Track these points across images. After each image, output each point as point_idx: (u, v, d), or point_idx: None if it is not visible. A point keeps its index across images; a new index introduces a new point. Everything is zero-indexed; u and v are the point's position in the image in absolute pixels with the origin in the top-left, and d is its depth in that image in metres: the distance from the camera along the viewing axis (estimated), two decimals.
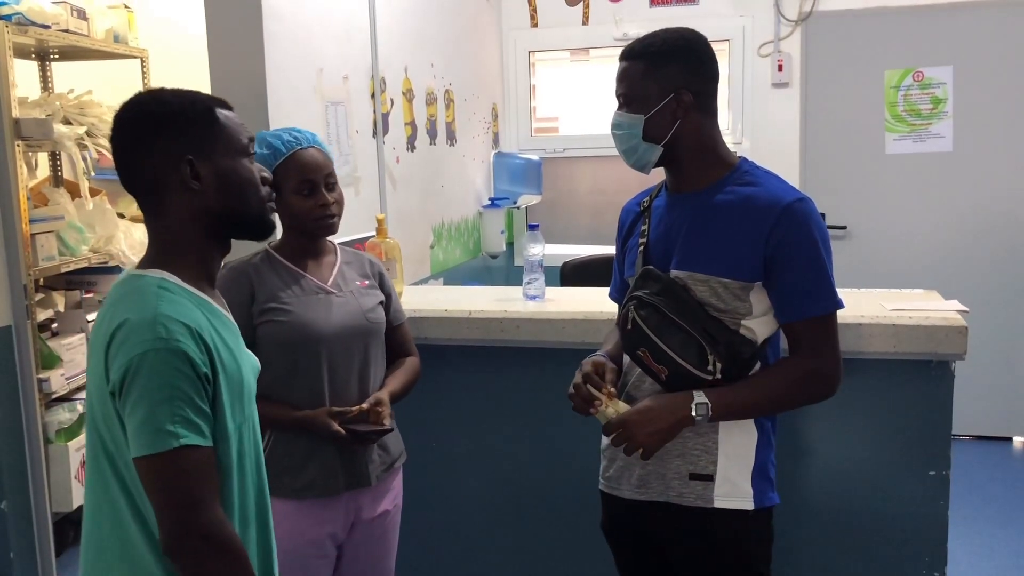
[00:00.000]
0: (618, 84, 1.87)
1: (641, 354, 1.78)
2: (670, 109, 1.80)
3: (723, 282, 1.75)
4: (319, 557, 2.09)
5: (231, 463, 1.40)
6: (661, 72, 1.80)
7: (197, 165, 1.39)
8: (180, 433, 1.29)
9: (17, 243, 2.71)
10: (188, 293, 1.40)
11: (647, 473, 1.83)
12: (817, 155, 4.88)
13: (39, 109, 3.15)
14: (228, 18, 2.79)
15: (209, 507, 1.32)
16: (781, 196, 1.77)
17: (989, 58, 4.58)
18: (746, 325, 1.77)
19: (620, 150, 1.89)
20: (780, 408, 1.85)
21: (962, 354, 2.21)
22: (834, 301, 1.77)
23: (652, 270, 1.82)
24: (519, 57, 5.26)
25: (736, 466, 1.79)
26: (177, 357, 1.30)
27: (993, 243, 4.67)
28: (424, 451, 2.59)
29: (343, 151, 3.28)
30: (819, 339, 1.77)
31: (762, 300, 1.77)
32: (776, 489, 1.85)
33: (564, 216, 5.27)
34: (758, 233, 1.74)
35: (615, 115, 1.87)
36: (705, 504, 1.79)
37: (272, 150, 2.07)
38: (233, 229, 1.47)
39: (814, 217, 1.77)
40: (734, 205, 1.78)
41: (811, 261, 1.74)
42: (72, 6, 3.25)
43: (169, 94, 1.44)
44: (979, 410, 4.52)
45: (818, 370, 1.78)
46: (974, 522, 3.76)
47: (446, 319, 2.54)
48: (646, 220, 1.90)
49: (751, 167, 1.86)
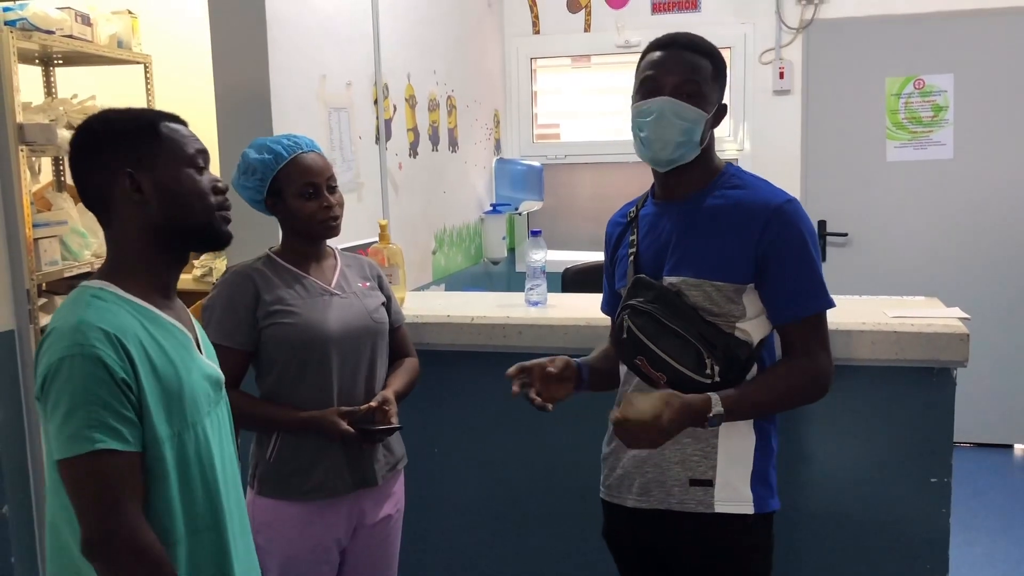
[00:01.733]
0: (682, 72, 1.78)
1: (639, 362, 1.78)
2: (716, 118, 1.83)
3: (716, 285, 1.75)
4: (324, 563, 2.10)
5: (167, 469, 1.39)
6: (719, 80, 1.84)
7: (138, 178, 1.44)
8: (96, 437, 1.31)
9: (20, 248, 2.71)
10: (125, 302, 1.42)
11: (648, 481, 1.83)
12: (818, 162, 4.89)
13: (43, 114, 3.15)
14: (232, 24, 2.80)
15: (126, 512, 1.33)
16: (770, 198, 1.78)
17: (990, 66, 4.59)
18: (741, 328, 1.77)
19: (666, 139, 1.77)
20: (778, 410, 1.86)
21: (964, 361, 2.21)
22: (826, 300, 1.79)
23: (644, 278, 1.82)
24: (521, 64, 5.27)
25: (735, 471, 1.79)
26: (92, 362, 1.32)
27: (994, 250, 4.67)
28: (426, 456, 2.59)
29: (346, 157, 3.28)
30: (812, 339, 1.78)
31: (755, 302, 1.78)
32: (777, 495, 1.85)
33: (565, 222, 5.27)
34: (749, 235, 1.75)
35: (677, 103, 1.77)
36: (706, 509, 1.78)
37: (274, 155, 2.08)
38: (182, 240, 1.49)
39: (803, 218, 1.78)
40: (724, 209, 1.79)
41: (802, 261, 1.76)
42: (76, 12, 3.26)
43: (114, 112, 1.50)
44: (980, 417, 4.52)
45: (812, 370, 1.78)
46: (975, 529, 3.76)
47: (448, 325, 2.55)
48: (634, 230, 1.90)
49: (737, 171, 1.88)
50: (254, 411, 2.05)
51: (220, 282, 2.12)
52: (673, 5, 4.99)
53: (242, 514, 1.59)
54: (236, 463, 1.61)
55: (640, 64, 1.85)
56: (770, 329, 1.82)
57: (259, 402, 2.07)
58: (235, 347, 2.02)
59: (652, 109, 1.78)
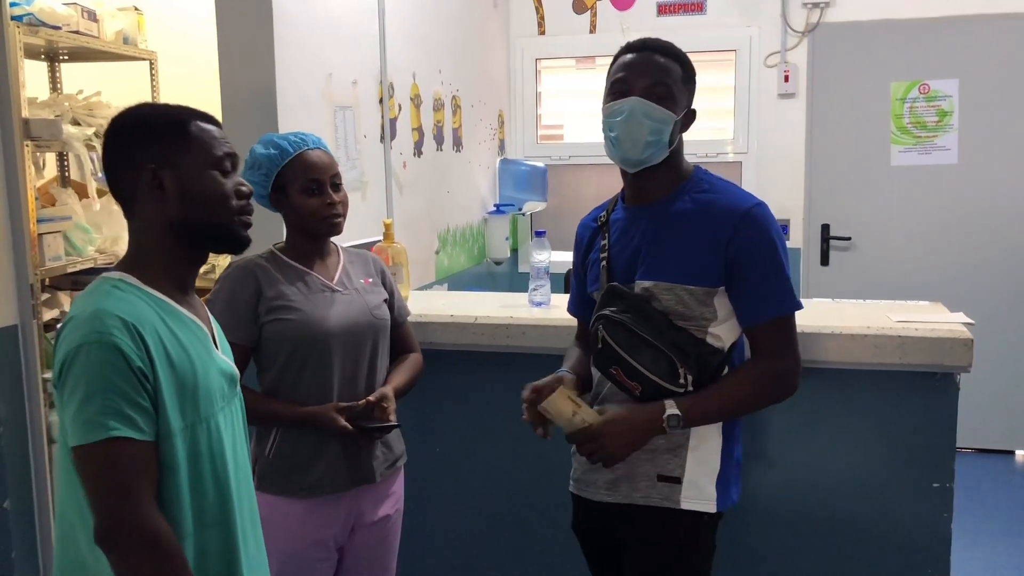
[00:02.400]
0: (653, 75, 1.82)
1: (614, 372, 1.82)
2: (685, 120, 1.88)
3: (688, 289, 1.79)
4: (321, 560, 2.10)
5: (177, 462, 1.39)
6: (689, 85, 1.87)
7: (161, 174, 1.44)
8: (111, 424, 1.31)
9: (24, 243, 2.71)
10: (144, 294, 1.43)
11: (617, 477, 1.88)
12: (823, 166, 4.88)
13: (48, 110, 3.15)
14: (239, 22, 2.80)
15: (139, 501, 1.33)
16: (739, 203, 1.82)
17: (995, 71, 4.59)
18: (713, 332, 1.82)
19: (635, 138, 1.81)
20: (745, 411, 1.91)
21: (967, 366, 2.20)
22: (793, 302, 1.83)
23: (617, 287, 1.85)
24: (526, 64, 5.27)
25: (702, 471, 1.85)
26: (109, 350, 1.32)
27: (999, 256, 4.67)
28: (428, 455, 2.59)
29: (351, 156, 3.28)
30: (779, 341, 1.82)
31: (725, 304, 1.82)
32: (739, 488, 1.93)
33: (568, 223, 5.21)
34: (719, 239, 1.78)
35: (646, 103, 1.80)
36: (672, 505, 1.84)
37: (279, 151, 2.09)
38: (200, 239, 1.49)
39: (771, 221, 1.82)
40: (694, 213, 1.83)
41: (771, 264, 1.80)
42: (83, 7, 3.26)
43: (147, 107, 1.52)
44: (982, 423, 4.51)
45: (779, 371, 1.83)
46: (977, 535, 3.75)
47: (452, 324, 2.55)
48: (605, 234, 1.94)
49: (706, 175, 1.91)
50: (254, 406, 2.04)
51: (222, 277, 2.12)
52: (679, 7, 4.99)
53: (253, 511, 1.59)
54: (248, 460, 1.61)
55: (612, 67, 1.89)
56: (740, 332, 1.86)
57: (259, 397, 2.08)
58: (236, 342, 2.02)
59: (623, 109, 1.82)
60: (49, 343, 3.09)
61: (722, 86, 4.99)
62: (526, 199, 5.04)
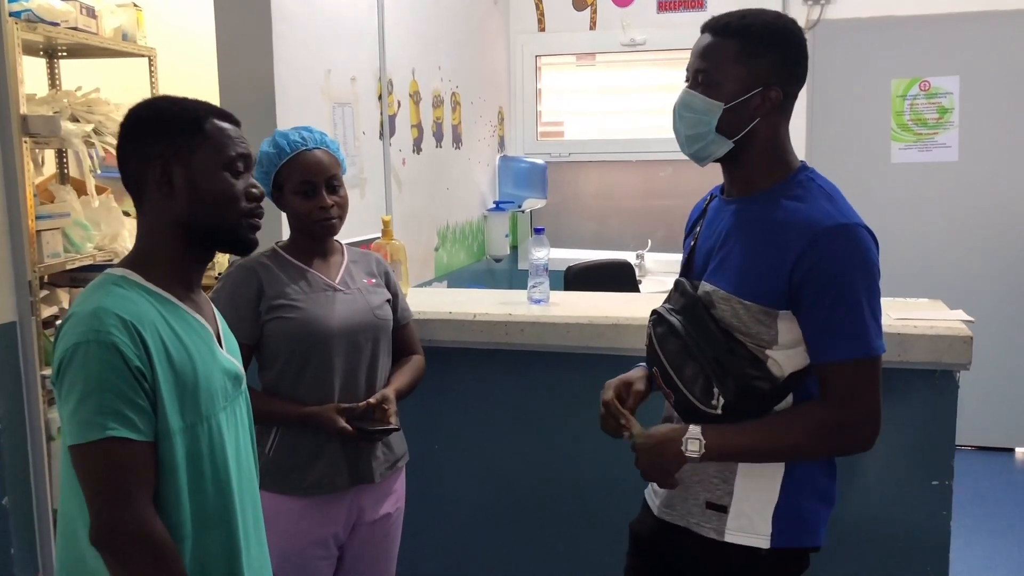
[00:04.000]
0: (697, 59, 1.63)
1: (655, 372, 1.70)
2: (754, 104, 1.60)
3: (745, 304, 1.58)
4: (322, 558, 2.10)
5: (177, 462, 1.37)
6: (755, 59, 1.60)
7: (170, 170, 1.42)
8: (108, 424, 1.30)
9: (23, 239, 2.71)
10: (146, 291, 1.41)
11: (673, 496, 1.73)
12: (822, 163, 4.82)
13: (47, 106, 3.15)
14: (237, 18, 2.79)
15: (135, 501, 1.31)
16: (822, 218, 1.55)
17: (996, 68, 4.58)
18: (773, 356, 1.59)
19: (682, 134, 1.66)
20: (791, 456, 1.63)
21: (967, 364, 2.20)
22: (870, 345, 1.54)
23: (682, 282, 1.71)
24: (526, 61, 5.26)
25: (753, 501, 1.64)
26: (106, 349, 1.31)
27: (999, 253, 4.66)
28: (427, 453, 2.59)
29: (349, 152, 3.28)
30: (847, 386, 1.55)
31: (792, 330, 1.58)
32: (818, 534, 1.69)
33: (568, 221, 5.27)
34: (786, 256, 1.54)
35: (686, 93, 1.64)
36: (717, 536, 1.66)
37: (277, 150, 2.09)
38: (205, 239, 1.46)
39: (855, 246, 1.54)
40: (773, 221, 1.59)
41: (843, 296, 1.52)
42: (81, 4, 3.25)
43: (165, 101, 1.48)
44: (982, 421, 4.51)
45: (840, 420, 1.56)
46: (976, 533, 3.75)
47: (451, 322, 2.54)
48: (700, 222, 1.78)
49: (807, 178, 1.65)
50: (255, 405, 2.04)
51: (224, 275, 2.12)
52: (679, 4, 4.98)
53: (256, 511, 1.56)
54: (253, 460, 1.58)
55: None
56: (808, 363, 1.60)
57: (259, 395, 2.07)
58: (238, 340, 2.02)
59: (674, 104, 1.68)
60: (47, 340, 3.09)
61: None
62: (526, 196, 5.04)
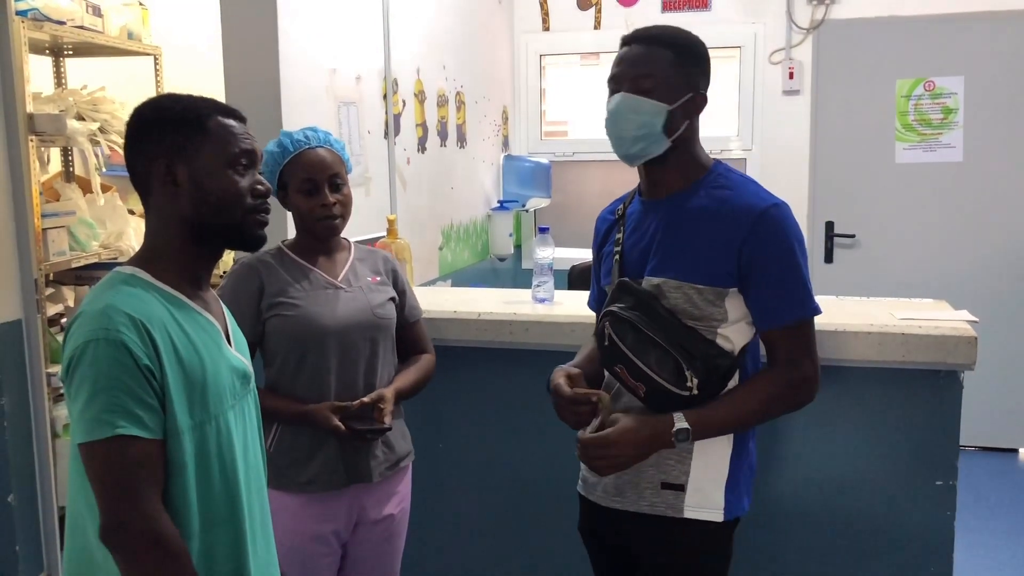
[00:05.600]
0: (635, 66, 1.76)
1: (618, 370, 1.75)
2: (686, 107, 1.77)
3: (697, 288, 1.72)
4: (322, 555, 2.10)
5: (185, 460, 1.37)
6: (687, 68, 1.78)
7: (175, 168, 1.42)
8: (117, 422, 1.30)
9: (28, 238, 2.71)
10: (155, 289, 1.41)
11: (623, 482, 1.81)
12: (827, 163, 4.88)
13: (52, 105, 3.16)
14: (243, 17, 2.80)
15: (144, 500, 1.31)
16: (756, 202, 1.73)
17: (1001, 69, 4.58)
18: (722, 333, 1.74)
19: (626, 136, 1.76)
20: (761, 420, 1.81)
21: (971, 364, 2.20)
22: (811, 307, 1.75)
23: (627, 282, 1.79)
24: (530, 60, 5.27)
25: (709, 477, 1.77)
26: (116, 347, 1.31)
27: (1003, 254, 4.66)
28: (431, 451, 2.59)
29: (354, 151, 3.28)
30: (797, 347, 1.74)
31: (738, 306, 1.74)
32: (748, 497, 1.84)
33: (572, 220, 5.26)
34: (732, 239, 1.71)
35: (631, 98, 1.75)
36: (675, 513, 1.76)
37: (281, 149, 2.10)
38: (212, 237, 1.46)
39: (789, 222, 1.74)
40: (708, 210, 1.75)
41: (787, 268, 1.71)
42: (87, 3, 3.25)
43: (169, 99, 1.48)
44: (986, 421, 4.50)
45: (797, 379, 1.74)
46: (980, 533, 3.75)
47: (455, 320, 2.54)
48: (621, 227, 1.88)
49: (725, 170, 1.83)
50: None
51: (228, 274, 2.13)
52: (683, 3, 4.98)
53: (264, 510, 1.56)
54: (261, 458, 1.58)
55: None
56: (752, 335, 1.78)
57: (261, 392, 2.07)
58: None
59: (611, 107, 1.78)
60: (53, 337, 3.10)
61: (726, 83, 4.98)
62: (530, 195, 5.04)
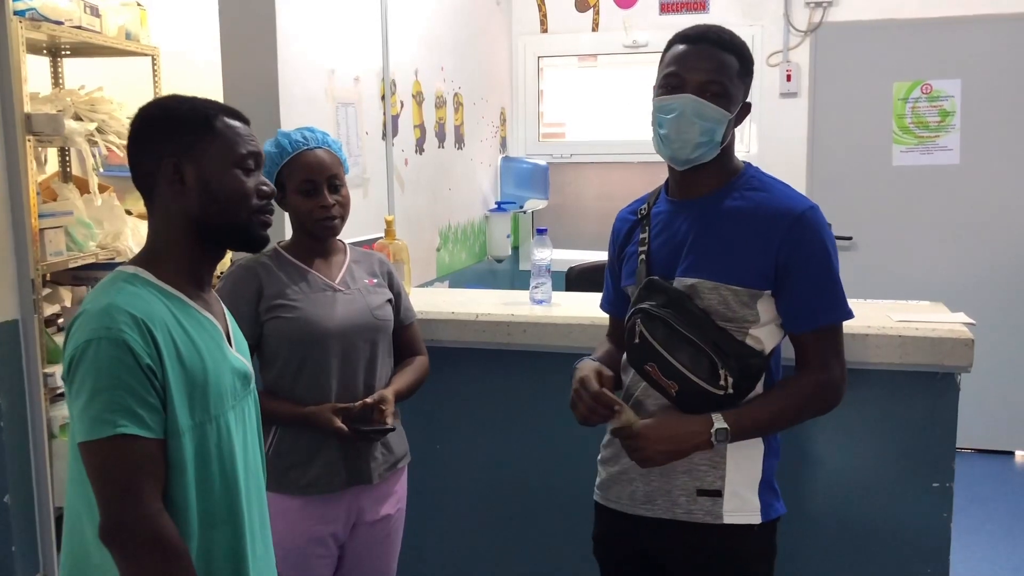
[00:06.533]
0: (708, 71, 1.71)
1: (649, 369, 1.72)
2: (739, 116, 1.78)
3: (733, 290, 1.71)
4: (320, 556, 2.10)
5: (185, 460, 1.37)
6: (746, 79, 1.78)
7: (182, 168, 1.43)
8: (118, 421, 1.30)
9: (26, 238, 2.71)
10: (157, 289, 1.41)
11: (653, 490, 1.78)
12: (824, 165, 4.88)
13: (50, 105, 3.15)
14: (241, 18, 2.80)
15: (145, 499, 1.31)
16: (792, 205, 1.73)
17: (998, 72, 4.59)
18: (753, 335, 1.73)
19: (689, 139, 1.72)
20: (792, 423, 1.79)
21: (968, 367, 2.20)
22: (845, 311, 1.76)
23: (657, 281, 1.76)
24: (528, 62, 5.27)
25: (744, 480, 1.76)
26: (118, 347, 1.31)
27: (1000, 256, 4.67)
28: (428, 452, 2.59)
29: (352, 152, 3.28)
30: (828, 350, 1.75)
31: (768, 309, 1.74)
32: (781, 498, 1.84)
33: (570, 221, 5.27)
34: (769, 241, 1.70)
35: (700, 102, 1.70)
36: (714, 520, 1.74)
37: (279, 149, 2.10)
38: (217, 236, 1.47)
39: (824, 226, 1.74)
40: (744, 211, 1.74)
41: (823, 271, 1.72)
42: (85, 3, 3.25)
43: (175, 100, 1.49)
44: (983, 423, 4.51)
45: (828, 383, 1.76)
46: (976, 535, 3.76)
47: (453, 321, 2.55)
48: (646, 228, 1.84)
49: (757, 172, 1.82)
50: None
51: (225, 275, 2.12)
52: (681, 6, 4.99)
53: (263, 511, 1.56)
54: (260, 459, 1.58)
55: (664, 56, 1.77)
56: (782, 337, 1.78)
57: (260, 395, 2.07)
58: None
59: (674, 107, 1.71)
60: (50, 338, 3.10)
61: None
62: (528, 197, 5.04)
